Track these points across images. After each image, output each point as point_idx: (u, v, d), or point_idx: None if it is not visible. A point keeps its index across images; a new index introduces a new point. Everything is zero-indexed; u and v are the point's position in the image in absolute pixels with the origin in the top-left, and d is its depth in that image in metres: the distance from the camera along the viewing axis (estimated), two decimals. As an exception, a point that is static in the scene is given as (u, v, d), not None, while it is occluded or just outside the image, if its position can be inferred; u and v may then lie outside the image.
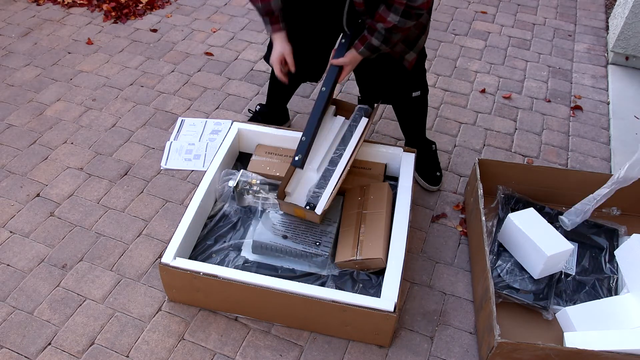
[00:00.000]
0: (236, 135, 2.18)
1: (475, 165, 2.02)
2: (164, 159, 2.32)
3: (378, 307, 1.58)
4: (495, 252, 1.92)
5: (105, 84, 2.74)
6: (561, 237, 1.81)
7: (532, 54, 3.08)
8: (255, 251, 1.86)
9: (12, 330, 1.72)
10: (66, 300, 1.81)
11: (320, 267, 1.82)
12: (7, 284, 1.85)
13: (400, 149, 2.09)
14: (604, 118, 2.66)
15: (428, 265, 1.96)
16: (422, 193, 2.22)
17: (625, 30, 2.86)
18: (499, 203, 2.05)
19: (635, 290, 1.72)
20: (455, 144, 2.47)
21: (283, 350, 1.70)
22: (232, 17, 3.30)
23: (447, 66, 2.94)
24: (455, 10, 3.44)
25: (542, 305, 1.76)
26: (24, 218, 2.07)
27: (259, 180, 2.03)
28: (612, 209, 2.04)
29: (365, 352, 1.70)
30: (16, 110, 2.56)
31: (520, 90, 2.80)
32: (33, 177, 2.23)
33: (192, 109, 2.60)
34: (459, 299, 1.86)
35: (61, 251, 1.95)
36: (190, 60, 2.92)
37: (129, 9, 3.28)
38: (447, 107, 2.66)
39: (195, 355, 1.68)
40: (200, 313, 1.78)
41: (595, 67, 3.00)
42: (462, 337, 1.76)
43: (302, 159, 1.84)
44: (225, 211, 1.99)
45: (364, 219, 1.87)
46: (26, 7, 3.31)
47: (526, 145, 2.48)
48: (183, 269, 1.67)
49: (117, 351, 1.68)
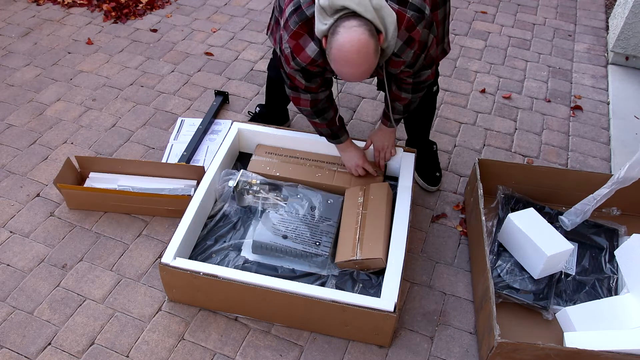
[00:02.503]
0: (236, 135, 2.18)
1: (475, 165, 2.02)
2: (164, 159, 2.32)
3: (378, 307, 1.58)
4: (495, 252, 1.92)
5: (105, 84, 2.74)
6: (561, 237, 1.81)
7: (532, 54, 3.07)
8: (255, 251, 1.86)
9: (12, 330, 1.72)
10: (66, 300, 1.81)
11: (320, 267, 1.82)
12: (7, 284, 1.85)
13: (401, 149, 2.09)
14: (604, 118, 2.66)
15: (428, 265, 1.96)
16: (422, 193, 2.22)
17: (625, 30, 2.86)
18: (499, 203, 2.05)
19: (635, 290, 1.72)
20: (455, 144, 2.47)
21: (283, 350, 1.70)
22: (232, 17, 3.30)
23: (447, 66, 2.94)
24: (455, 10, 3.44)
25: (542, 305, 1.76)
26: (24, 218, 2.07)
27: (259, 180, 2.03)
28: (612, 209, 2.04)
29: (365, 352, 1.70)
30: (16, 110, 2.56)
31: (520, 90, 2.80)
32: (33, 177, 2.23)
33: (192, 109, 2.60)
34: (459, 299, 1.86)
35: (61, 251, 1.95)
36: (190, 60, 2.92)
37: (129, 9, 3.28)
38: (447, 107, 2.66)
39: (195, 355, 1.68)
40: (200, 313, 1.78)
41: (595, 67, 3.00)
42: (462, 337, 1.76)
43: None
44: (225, 211, 1.99)
45: (364, 219, 1.87)
46: (26, 7, 3.31)
47: (526, 145, 2.48)
48: (183, 269, 1.67)
49: (117, 351, 1.68)
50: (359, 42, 1.44)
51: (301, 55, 1.61)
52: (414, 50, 1.60)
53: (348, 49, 1.44)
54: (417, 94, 1.83)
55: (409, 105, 1.88)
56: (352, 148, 2.03)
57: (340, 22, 1.46)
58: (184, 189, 2.10)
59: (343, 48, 1.45)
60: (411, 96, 1.83)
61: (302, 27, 1.57)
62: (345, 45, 1.44)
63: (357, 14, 1.46)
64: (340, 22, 1.46)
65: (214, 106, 2.55)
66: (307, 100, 1.81)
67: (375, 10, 1.47)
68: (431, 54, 1.71)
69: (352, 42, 1.44)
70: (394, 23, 1.51)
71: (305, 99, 1.81)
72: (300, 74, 1.70)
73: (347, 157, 2.04)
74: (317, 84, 1.77)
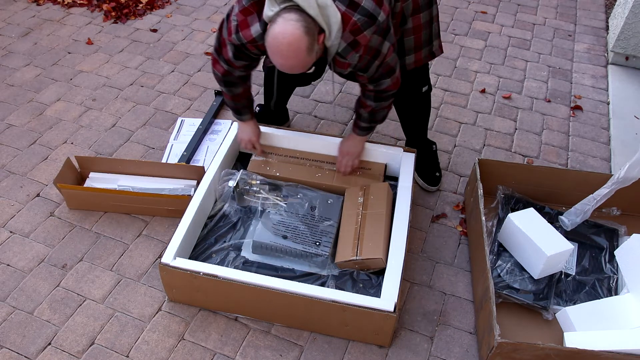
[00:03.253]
0: (236, 135, 2.18)
1: (475, 165, 2.02)
2: (164, 159, 2.32)
3: (378, 307, 1.58)
4: (495, 252, 1.92)
5: (105, 84, 2.74)
6: (561, 237, 1.81)
7: (532, 54, 3.07)
8: (255, 251, 1.86)
9: (12, 330, 1.72)
10: (66, 300, 1.81)
11: (320, 267, 1.82)
12: (7, 284, 1.85)
13: (400, 149, 2.09)
14: (604, 118, 2.66)
15: (428, 265, 1.96)
16: (422, 193, 2.22)
17: (625, 30, 2.86)
18: (499, 203, 2.05)
19: (635, 290, 1.72)
20: (455, 144, 2.47)
21: (283, 350, 1.70)
22: (232, 17, 3.30)
23: (447, 66, 2.94)
24: (455, 10, 3.44)
25: (542, 305, 1.76)
26: (24, 218, 2.07)
27: (259, 180, 2.03)
28: (612, 209, 2.04)
29: (365, 352, 1.70)
30: (16, 110, 2.56)
31: (520, 90, 2.80)
32: (33, 177, 2.23)
33: (192, 109, 2.60)
34: (459, 299, 1.86)
35: (61, 251, 1.95)
36: (190, 60, 2.92)
37: (129, 9, 3.28)
38: (447, 107, 2.66)
39: (195, 355, 1.68)
40: (200, 313, 1.78)
41: (595, 67, 3.00)
42: (462, 337, 1.76)
43: None
44: (225, 211, 1.98)
45: (364, 219, 1.87)
46: (26, 7, 3.31)
47: (526, 145, 2.48)
48: (183, 269, 1.67)
49: (117, 351, 1.68)
50: (291, 36, 1.47)
51: (244, 32, 1.64)
52: (359, 54, 1.61)
53: (280, 40, 1.48)
54: (380, 102, 1.83)
55: (374, 114, 1.88)
56: (251, 124, 2.07)
57: (282, 12, 1.49)
58: (184, 189, 2.10)
59: (276, 38, 1.49)
60: (374, 104, 1.84)
61: (254, 5, 1.60)
62: (278, 36, 1.48)
63: (300, 9, 1.49)
64: (282, 12, 1.49)
65: (214, 106, 2.55)
66: (222, 68, 1.85)
67: (320, 8, 1.50)
68: (388, 62, 1.70)
69: (285, 35, 1.47)
70: (337, 23, 1.53)
71: (222, 66, 1.85)
72: (233, 47, 1.73)
73: (242, 129, 2.10)
74: (241, 64, 1.81)
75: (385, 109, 1.89)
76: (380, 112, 1.89)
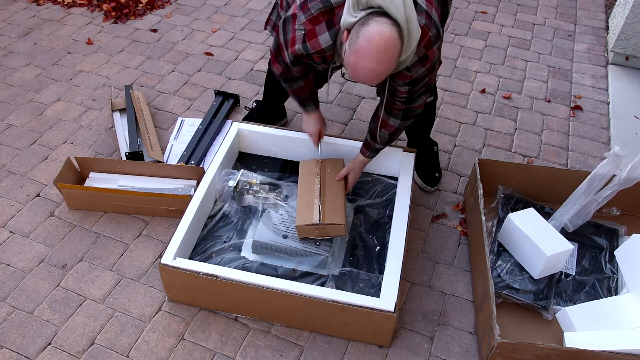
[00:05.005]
0: (236, 135, 2.18)
1: (475, 165, 2.02)
2: (164, 159, 2.32)
3: (378, 307, 1.58)
4: (495, 252, 1.92)
5: (105, 83, 2.74)
6: (561, 237, 1.81)
7: (532, 54, 3.07)
8: (255, 251, 1.86)
9: (12, 330, 1.72)
10: (66, 300, 1.81)
11: (320, 267, 1.82)
12: (7, 284, 1.85)
13: (400, 149, 2.09)
14: (604, 118, 2.66)
15: (428, 265, 1.96)
16: (422, 193, 2.22)
17: (625, 30, 2.86)
18: (499, 203, 2.05)
19: (635, 290, 1.72)
20: (455, 144, 2.47)
21: (283, 350, 1.70)
22: (232, 17, 3.30)
23: (447, 66, 2.94)
24: (455, 10, 3.44)
25: (542, 305, 1.76)
26: (24, 218, 2.07)
27: (259, 180, 2.03)
28: (612, 209, 2.04)
29: (365, 352, 1.70)
30: (16, 110, 2.56)
31: (520, 90, 2.80)
32: (33, 177, 2.23)
33: (192, 109, 2.60)
34: (459, 299, 1.86)
35: (61, 251, 1.95)
36: (190, 60, 2.92)
37: (129, 9, 3.28)
38: (447, 107, 2.66)
39: (195, 355, 1.68)
40: (200, 313, 1.78)
41: (595, 67, 3.00)
42: (462, 337, 1.76)
43: None
44: (225, 211, 1.98)
45: (324, 187, 1.91)
46: (26, 7, 3.31)
47: (526, 145, 2.48)
48: (183, 269, 1.67)
49: (117, 351, 1.68)
50: (389, 38, 1.39)
51: (312, 42, 1.57)
52: (425, 68, 1.57)
53: (377, 41, 1.38)
54: (405, 121, 1.79)
55: (394, 135, 1.84)
56: (316, 117, 2.01)
57: (373, 16, 1.41)
58: (184, 189, 2.10)
59: (372, 39, 1.39)
60: (399, 123, 1.79)
61: (323, 14, 1.53)
62: (375, 37, 1.38)
63: (389, 16, 1.42)
64: (373, 16, 1.41)
65: (213, 106, 2.55)
66: (280, 67, 1.80)
67: (407, 22, 1.43)
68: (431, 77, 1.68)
69: (383, 36, 1.38)
70: (417, 39, 1.47)
71: (280, 66, 1.80)
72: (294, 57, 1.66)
73: (307, 122, 2.03)
74: (299, 70, 1.76)
75: (403, 130, 1.85)
76: (399, 132, 1.84)
